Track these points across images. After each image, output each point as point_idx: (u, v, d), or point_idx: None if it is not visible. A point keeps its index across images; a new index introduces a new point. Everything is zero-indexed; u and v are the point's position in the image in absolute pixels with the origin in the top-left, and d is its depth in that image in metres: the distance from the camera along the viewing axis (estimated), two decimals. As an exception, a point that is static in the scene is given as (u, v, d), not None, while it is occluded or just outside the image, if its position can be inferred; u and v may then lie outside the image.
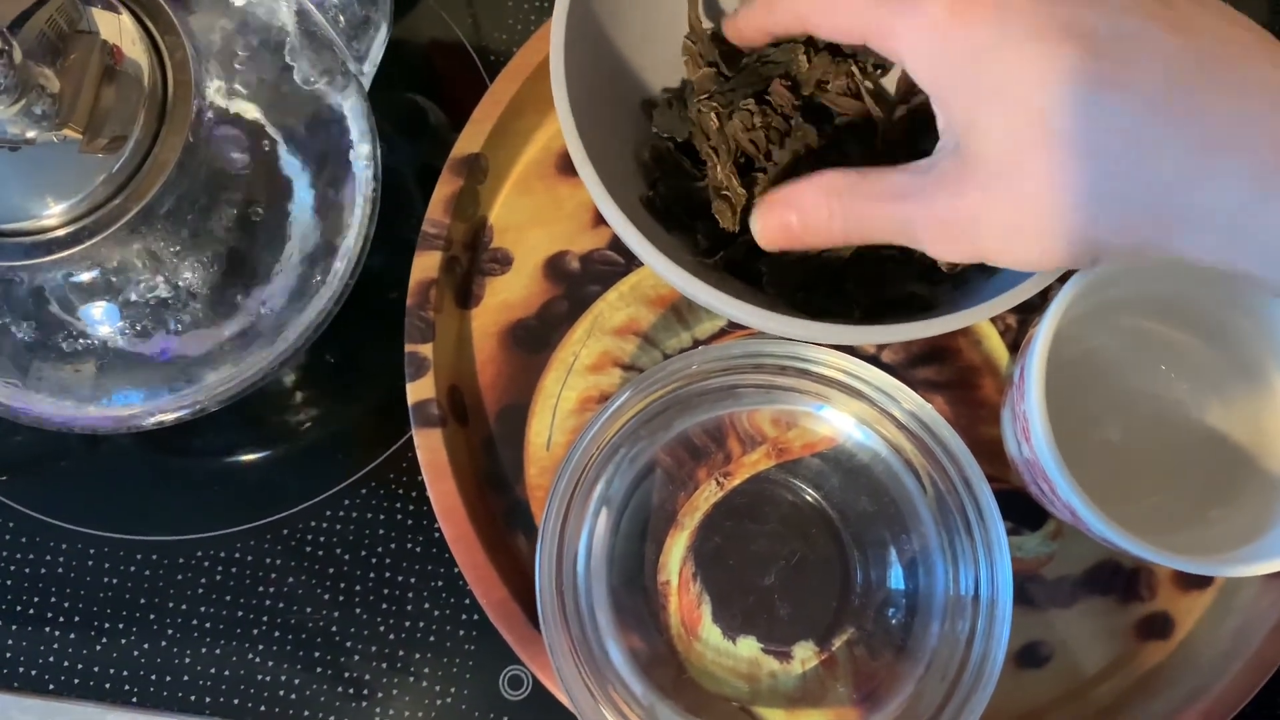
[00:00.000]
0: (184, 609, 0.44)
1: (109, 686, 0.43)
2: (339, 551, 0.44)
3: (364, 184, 0.40)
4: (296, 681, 0.43)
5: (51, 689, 0.43)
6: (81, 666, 0.44)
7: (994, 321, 0.43)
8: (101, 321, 0.38)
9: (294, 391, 0.47)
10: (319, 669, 0.43)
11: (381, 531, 0.44)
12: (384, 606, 0.44)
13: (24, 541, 0.45)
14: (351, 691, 0.43)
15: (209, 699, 0.43)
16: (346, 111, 0.40)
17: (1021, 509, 0.42)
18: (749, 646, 0.38)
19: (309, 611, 0.44)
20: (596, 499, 0.37)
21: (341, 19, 0.39)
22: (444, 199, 0.43)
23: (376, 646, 0.43)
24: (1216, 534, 0.38)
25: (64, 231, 0.34)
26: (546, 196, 0.45)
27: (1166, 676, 0.41)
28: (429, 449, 0.41)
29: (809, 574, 0.38)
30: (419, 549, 0.44)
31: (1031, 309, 0.36)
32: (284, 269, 0.39)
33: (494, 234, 0.45)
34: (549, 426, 0.43)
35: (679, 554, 0.39)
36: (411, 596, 0.44)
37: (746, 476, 0.39)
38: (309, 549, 0.44)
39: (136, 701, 0.43)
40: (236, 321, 0.39)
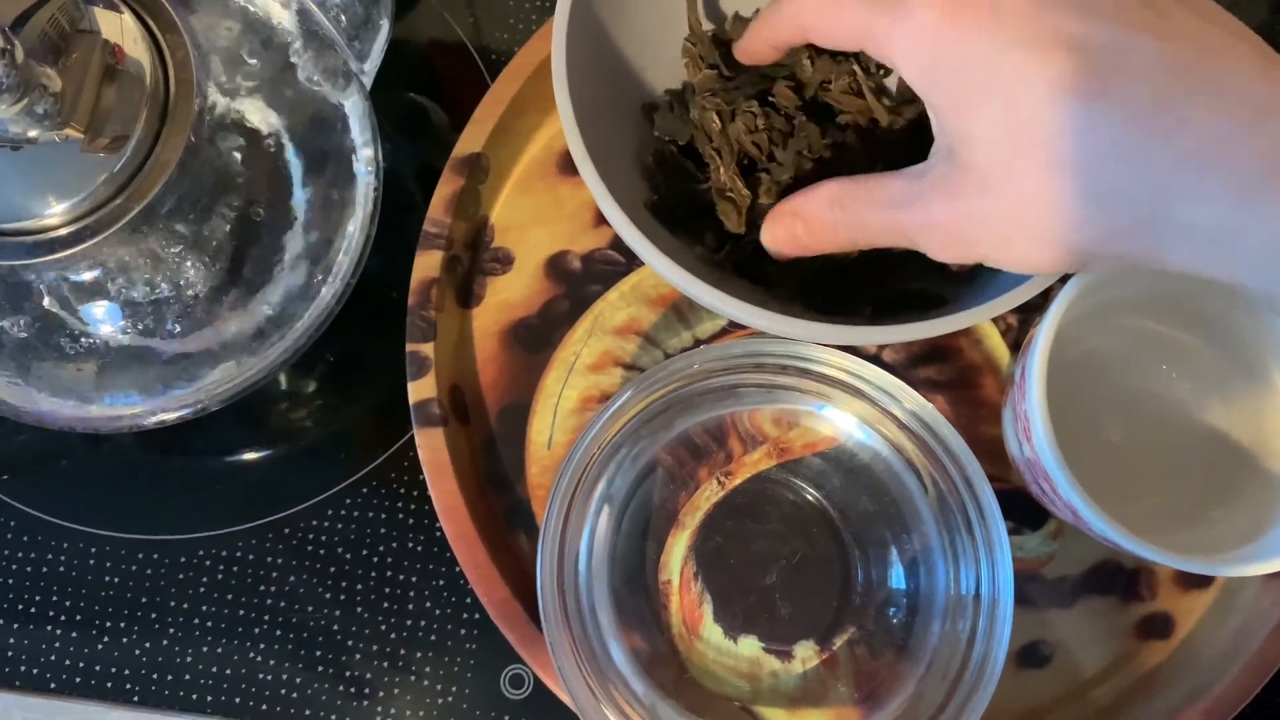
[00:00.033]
0: (185, 608, 0.44)
1: (110, 685, 0.43)
2: (340, 551, 0.44)
3: (365, 183, 0.40)
4: (298, 680, 0.43)
5: (53, 688, 0.43)
6: (83, 665, 0.44)
7: (995, 321, 0.43)
8: (103, 321, 0.38)
9: (295, 391, 0.47)
10: (320, 668, 0.43)
11: (383, 531, 0.44)
12: (385, 606, 0.44)
13: (25, 540, 0.45)
14: (353, 690, 0.43)
15: (210, 698, 0.43)
16: (348, 111, 0.40)
17: (1022, 509, 0.42)
18: (750, 646, 0.38)
19: (310, 611, 0.44)
20: (598, 498, 0.37)
21: (343, 18, 0.39)
22: (445, 198, 0.43)
23: (378, 645, 0.43)
24: (1217, 534, 0.38)
25: (66, 231, 0.34)
26: (548, 196, 0.45)
27: (1167, 676, 0.41)
28: (430, 448, 0.41)
29: (810, 573, 0.39)
30: (420, 548, 0.44)
31: (1032, 309, 0.36)
32: (285, 268, 0.39)
33: (495, 233, 0.45)
34: (550, 426, 0.43)
35: (680, 553, 0.39)
36: (413, 595, 0.44)
37: (748, 476, 0.39)
38: (310, 548, 0.44)
39: (138, 700, 0.43)
40: (238, 321, 0.39)
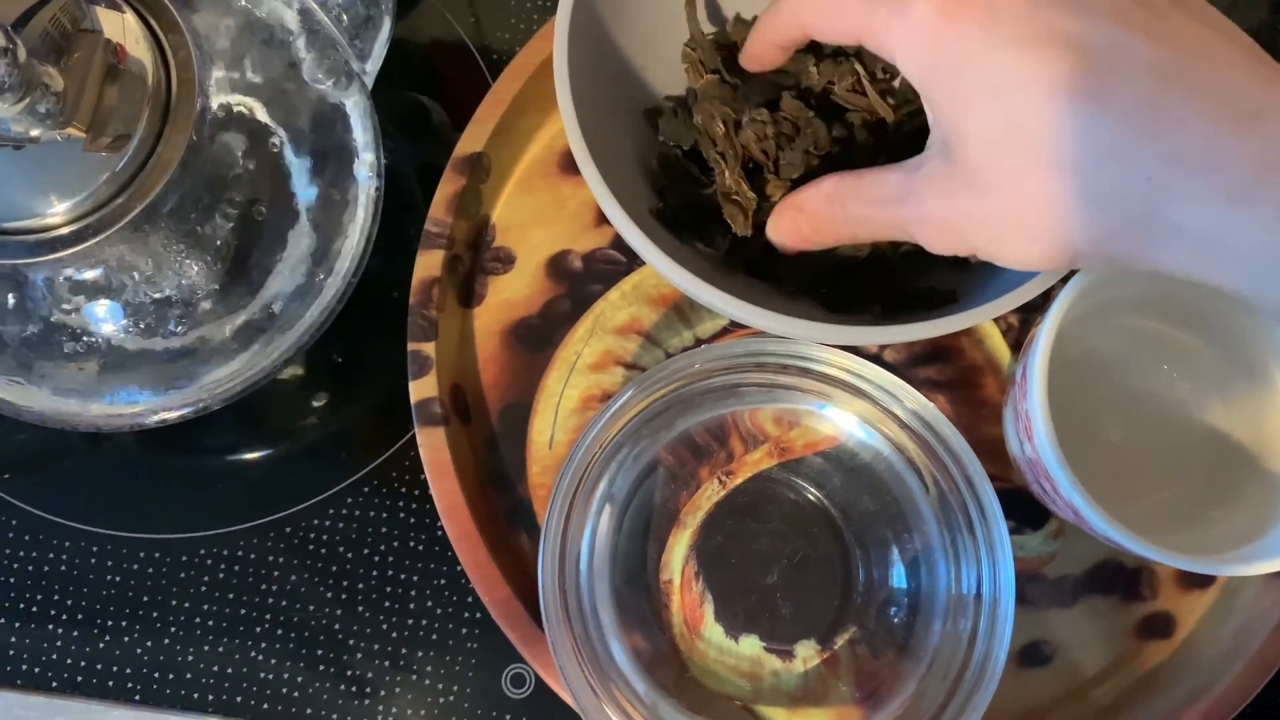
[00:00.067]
0: (187, 607, 0.44)
1: (112, 684, 0.43)
2: (341, 550, 0.44)
3: (367, 183, 0.40)
4: (299, 680, 0.43)
5: (54, 686, 0.43)
6: (84, 664, 0.44)
7: (996, 321, 0.43)
8: (105, 320, 0.38)
9: (297, 390, 0.47)
10: (321, 667, 0.43)
11: (384, 530, 0.44)
12: (386, 605, 0.44)
13: (27, 539, 0.45)
14: (354, 690, 0.43)
15: (211, 697, 0.43)
16: (349, 110, 0.40)
17: (1023, 508, 0.42)
18: (751, 645, 0.38)
19: (311, 610, 0.44)
20: (599, 498, 0.37)
21: (344, 18, 0.39)
22: (446, 198, 0.43)
23: (379, 645, 0.43)
24: (1218, 533, 0.38)
25: (68, 230, 0.34)
26: (549, 195, 0.45)
27: (1168, 676, 0.41)
28: (431, 447, 0.41)
29: (811, 573, 0.39)
30: (421, 547, 0.44)
31: (1033, 308, 0.36)
32: (287, 267, 0.39)
33: (496, 233, 0.45)
34: (551, 425, 0.43)
35: (681, 553, 0.39)
36: (414, 595, 0.44)
37: (749, 475, 0.39)
38: (311, 547, 0.44)
39: (139, 699, 0.43)
40: (239, 320, 0.39)
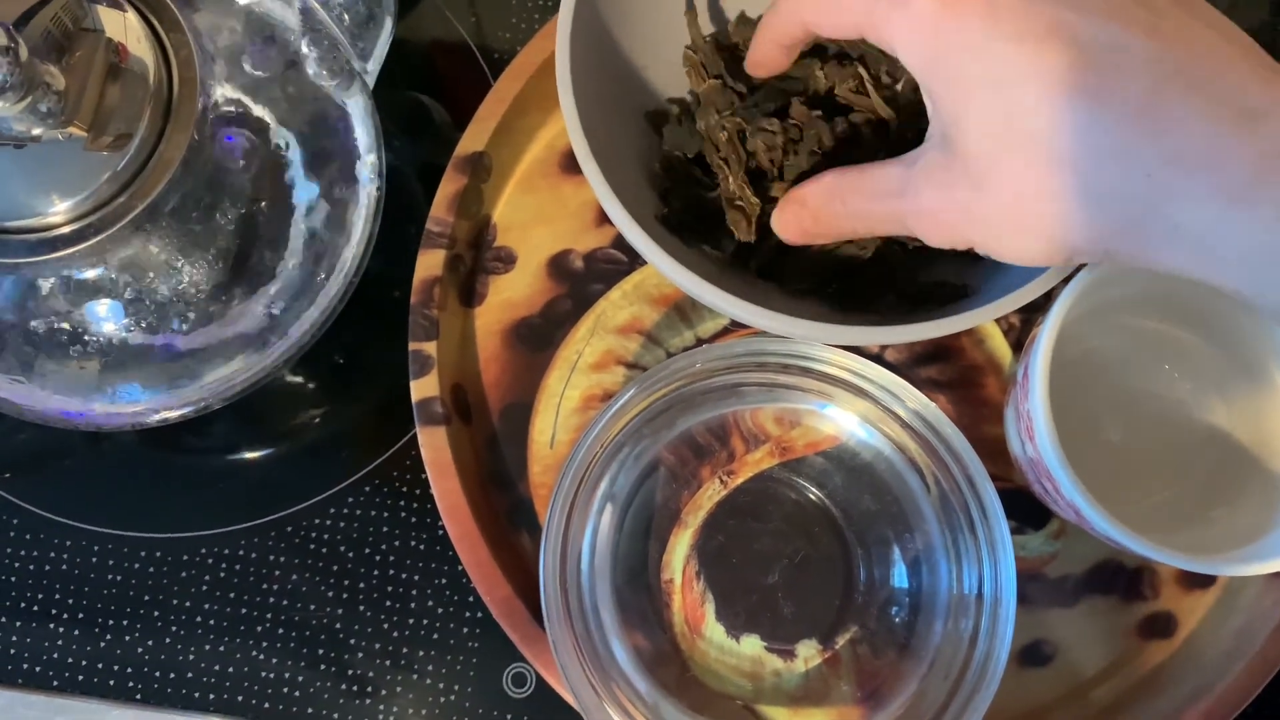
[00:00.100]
0: (188, 606, 0.44)
1: (113, 683, 0.43)
2: (343, 549, 0.44)
3: (368, 182, 0.40)
4: (300, 679, 0.43)
5: (55, 685, 0.43)
6: (85, 663, 0.44)
7: (997, 321, 0.43)
8: (106, 319, 0.38)
9: (298, 389, 0.47)
10: (322, 666, 0.43)
11: (385, 529, 0.44)
12: (388, 604, 0.44)
13: (28, 538, 0.45)
14: (355, 689, 0.43)
15: (213, 696, 0.43)
16: (351, 110, 0.40)
17: (1025, 508, 0.42)
18: (752, 645, 0.38)
19: (312, 609, 0.44)
20: (600, 497, 0.37)
21: (346, 17, 0.39)
22: (448, 197, 0.43)
23: (380, 644, 0.43)
24: (1219, 533, 0.38)
25: (69, 229, 0.34)
26: (550, 195, 0.45)
27: (1169, 676, 0.41)
28: (433, 447, 0.41)
29: (812, 572, 0.39)
30: (423, 547, 0.44)
31: (1035, 308, 0.36)
32: (288, 267, 0.39)
33: (497, 232, 0.45)
34: (552, 425, 0.43)
35: (683, 552, 0.39)
36: (415, 594, 0.44)
37: (750, 475, 0.39)
38: (313, 547, 0.44)
39: (140, 698, 0.43)
40: (240, 319, 0.39)
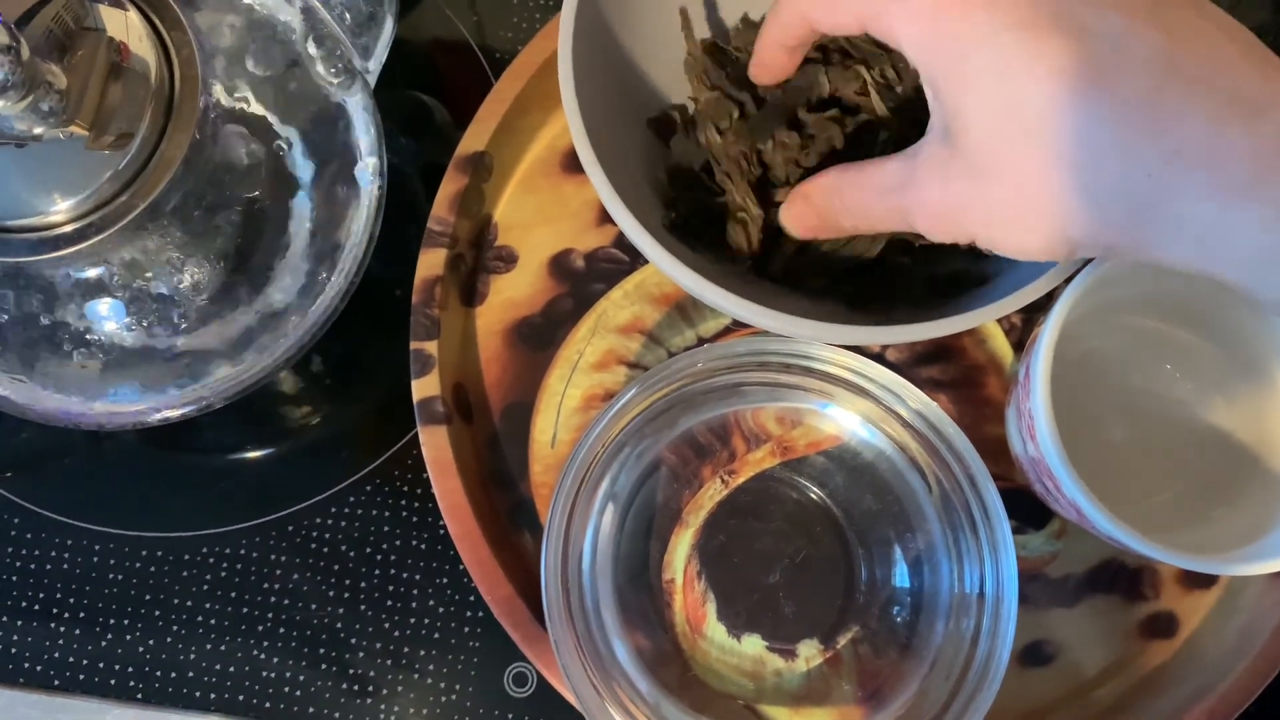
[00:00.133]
0: (189, 605, 0.44)
1: (113, 683, 0.43)
2: (344, 549, 0.44)
3: (369, 182, 0.40)
4: (301, 678, 0.43)
5: (56, 684, 0.43)
6: (86, 662, 0.44)
7: (998, 321, 0.43)
8: (107, 318, 0.38)
9: (299, 389, 0.47)
10: (323, 666, 0.43)
11: (386, 529, 0.44)
12: (389, 604, 0.44)
13: (29, 538, 0.45)
14: (356, 688, 0.43)
15: (213, 695, 0.43)
16: (352, 109, 0.40)
17: (1026, 508, 0.42)
18: (754, 644, 0.38)
19: (314, 608, 0.44)
20: (601, 496, 0.37)
21: (347, 16, 0.39)
22: (449, 197, 0.43)
23: (381, 643, 0.43)
24: (1221, 532, 0.38)
25: (70, 228, 0.34)
26: (551, 194, 0.45)
27: (1171, 675, 0.41)
28: (434, 446, 0.41)
29: (814, 572, 0.38)
30: (424, 546, 0.44)
31: (1036, 308, 0.36)
32: (289, 266, 0.39)
33: (499, 232, 0.45)
34: (554, 424, 0.43)
35: (684, 552, 0.39)
36: (416, 594, 0.44)
37: (751, 474, 0.39)
38: (314, 546, 0.44)
39: (141, 698, 0.43)
40: (242, 318, 0.39)
